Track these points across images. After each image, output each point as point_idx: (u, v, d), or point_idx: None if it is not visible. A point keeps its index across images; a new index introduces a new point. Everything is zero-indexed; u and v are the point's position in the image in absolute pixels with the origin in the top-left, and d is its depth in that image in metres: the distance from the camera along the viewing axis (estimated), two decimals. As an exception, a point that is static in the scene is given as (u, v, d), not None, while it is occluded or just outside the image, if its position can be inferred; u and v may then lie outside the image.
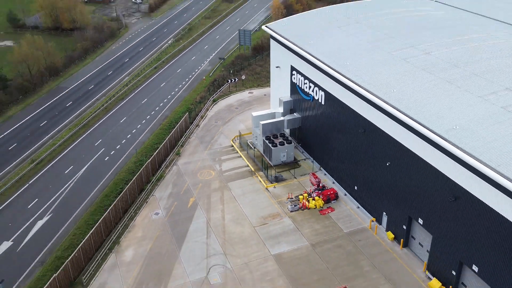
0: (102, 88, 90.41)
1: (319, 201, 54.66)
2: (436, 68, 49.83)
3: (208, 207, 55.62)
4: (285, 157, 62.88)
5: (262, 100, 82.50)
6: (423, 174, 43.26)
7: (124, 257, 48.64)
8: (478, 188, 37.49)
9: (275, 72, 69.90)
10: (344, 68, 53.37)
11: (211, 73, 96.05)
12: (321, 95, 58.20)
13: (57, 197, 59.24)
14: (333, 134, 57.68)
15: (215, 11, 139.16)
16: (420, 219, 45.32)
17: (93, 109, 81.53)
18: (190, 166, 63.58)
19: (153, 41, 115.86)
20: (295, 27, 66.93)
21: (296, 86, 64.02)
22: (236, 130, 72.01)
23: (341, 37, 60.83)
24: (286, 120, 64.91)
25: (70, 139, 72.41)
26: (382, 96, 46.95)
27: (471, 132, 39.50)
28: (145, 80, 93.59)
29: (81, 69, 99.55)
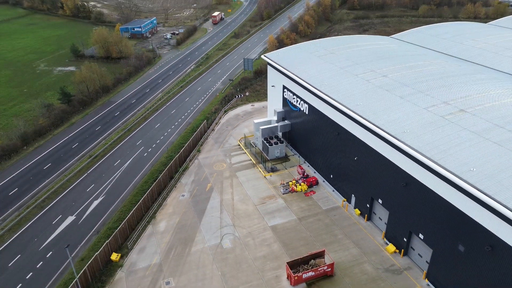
0: (142, 102, 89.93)
1: (304, 186, 54.48)
2: (391, 87, 49.66)
3: (221, 190, 55.41)
4: (279, 153, 62.66)
5: (261, 111, 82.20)
6: (382, 165, 43.16)
7: (159, 228, 48.50)
8: (423, 176, 37.44)
9: (271, 90, 69.68)
10: (322, 87, 53.20)
11: (223, 91, 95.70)
12: (306, 107, 58.02)
13: (108, 183, 58.99)
14: (315, 136, 57.54)
15: (226, 45, 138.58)
16: (379, 200, 45.21)
17: (135, 118, 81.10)
18: (208, 160, 63.35)
19: (179, 67, 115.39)
20: (286, 56, 66.72)
21: (287, 100, 63.83)
22: (242, 133, 71.74)
23: (320, 63, 60.62)
24: (279, 126, 64.68)
25: (118, 139, 72.06)
26: (351, 107, 46.83)
27: (418, 134, 39.39)
28: (173, 96, 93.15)
29: (126, 88, 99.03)
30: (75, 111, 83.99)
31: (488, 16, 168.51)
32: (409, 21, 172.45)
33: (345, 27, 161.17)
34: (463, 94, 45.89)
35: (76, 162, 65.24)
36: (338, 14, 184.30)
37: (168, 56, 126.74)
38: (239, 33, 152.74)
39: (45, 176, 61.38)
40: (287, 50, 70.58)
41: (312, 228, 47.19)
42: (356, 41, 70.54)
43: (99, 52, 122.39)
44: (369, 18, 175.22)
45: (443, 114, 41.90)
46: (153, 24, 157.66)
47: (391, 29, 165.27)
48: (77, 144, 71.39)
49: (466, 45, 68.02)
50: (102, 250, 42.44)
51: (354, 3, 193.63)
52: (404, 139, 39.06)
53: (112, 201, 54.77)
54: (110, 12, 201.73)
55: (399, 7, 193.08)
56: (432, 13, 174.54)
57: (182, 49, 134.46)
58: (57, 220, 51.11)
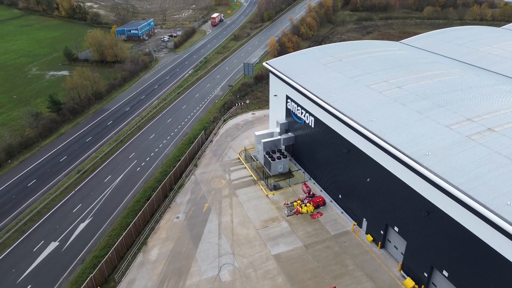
0: (136, 110, 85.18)
1: (310, 207, 49.86)
2: (407, 100, 45.07)
3: (220, 211, 50.79)
4: (282, 169, 58.05)
5: (262, 120, 77.57)
6: (399, 190, 38.51)
7: (150, 256, 43.84)
8: (449, 207, 32.81)
9: (273, 100, 64.98)
10: (330, 99, 48.60)
11: (222, 97, 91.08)
12: (311, 120, 53.41)
13: (97, 202, 54.33)
14: (321, 151, 52.93)
15: (225, 48, 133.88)
16: (396, 227, 40.57)
17: (128, 127, 76.38)
18: (205, 176, 58.72)
19: (177, 72, 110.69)
20: (289, 63, 62.08)
21: (291, 111, 59.21)
22: (242, 145, 67.14)
23: (327, 72, 55.99)
24: (282, 139, 60.04)
25: (110, 152, 67.36)
26: (364, 123, 42.20)
27: (442, 158, 34.77)
28: (170, 103, 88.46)
29: (120, 94, 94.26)
30: (65, 120, 79.17)
31: (495, 18, 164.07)
32: (414, 23, 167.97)
33: (348, 29, 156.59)
34: (488, 109, 41.33)
35: (63, 178, 60.48)
36: (341, 16, 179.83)
37: (165, 60, 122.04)
38: (239, 36, 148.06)
39: (29, 194, 56.67)
40: (290, 56, 65.90)
41: (320, 258, 42.56)
42: (364, 47, 65.93)
43: (93, 55, 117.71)
44: (372, 20, 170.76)
45: (469, 133, 37.30)
46: (150, 26, 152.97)
47: (395, 31, 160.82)
48: (65, 157, 66.57)
49: (482, 51, 63.43)
50: (86, 286, 37.74)
51: (357, 4, 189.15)
52: (427, 163, 34.43)
53: (100, 223, 50.10)
54: (106, 13, 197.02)
55: (402, 8, 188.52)
56: (437, 15, 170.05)
57: (179, 52, 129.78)
58: (39, 247, 46.43)
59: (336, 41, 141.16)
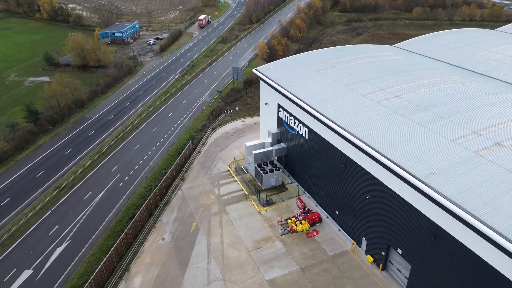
0: (120, 118, 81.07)
1: (306, 224, 46.76)
2: (406, 111, 42.28)
3: (209, 231, 47.33)
4: (274, 182, 54.87)
5: (253, 127, 74.31)
6: (403, 211, 35.64)
7: (133, 285, 40.14)
8: (460, 232, 30.00)
9: (264, 108, 61.75)
10: (325, 109, 45.59)
11: (211, 104, 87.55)
12: (305, 131, 50.35)
13: (76, 223, 50.35)
14: (316, 164, 49.90)
15: (213, 51, 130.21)
16: (399, 249, 37.71)
17: (111, 138, 72.32)
18: (193, 191, 55.17)
19: (163, 76, 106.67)
20: (280, 70, 58.92)
21: (283, 121, 56.08)
22: (232, 155, 63.78)
23: (321, 80, 53.01)
24: (275, 150, 56.87)
25: (91, 166, 63.29)
26: (362, 137, 39.25)
27: (450, 177, 31.94)
28: (155, 110, 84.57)
29: (103, 102, 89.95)
30: (43, 131, 74.64)
31: (484, 18, 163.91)
32: (403, 24, 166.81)
33: (337, 31, 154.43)
34: (494, 120, 38.74)
35: (40, 195, 56.26)
36: (330, 17, 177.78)
37: (151, 64, 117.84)
38: (227, 38, 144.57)
39: (2, 215, 52.37)
40: (281, 63, 62.72)
41: (318, 282, 39.46)
42: (357, 52, 63.14)
43: (75, 60, 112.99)
44: (362, 21, 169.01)
45: (476, 148, 34.62)
46: (135, 28, 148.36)
47: (385, 32, 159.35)
48: (42, 172, 62.26)
49: (479, 56, 61.23)
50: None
51: (346, 5, 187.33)
52: (434, 183, 31.59)
53: (79, 247, 46.22)
54: (90, 15, 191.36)
55: (392, 9, 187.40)
56: (426, 16, 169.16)
57: (166, 56, 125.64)
58: (11, 276, 42.35)
59: (326, 43, 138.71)
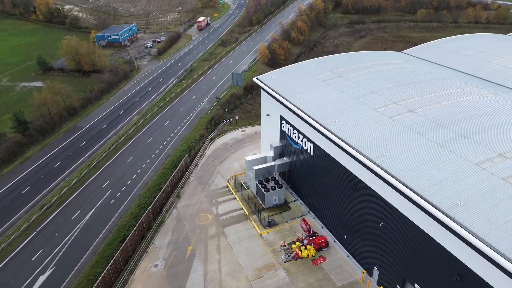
0: (114, 127, 77.17)
1: (311, 250, 42.92)
2: (423, 128, 38.47)
3: (205, 256, 43.51)
4: (277, 200, 51.07)
5: (253, 138, 70.48)
6: (422, 244, 31.81)
7: (122, 321, 36.44)
8: (490, 274, 26.21)
9: (266, 119, 57.93)
10: (332, 125, 41.76)
11: (209, 111, 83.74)
12: (310, 146, 46.53)
13: (61, 246, 46.52)
14: (322, 183, 46.10)
15: (212, 54, 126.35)
16: (416, 285, 33.89)
17: (104, 149, 68.44)
18: (189, 210, 51.35)
19: (160, 82, 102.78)
20: (283, 79, 55.14)
21: (285, 134, 52.26)
22: (232, 169, 59.99)
23: (326, 91, 49.20)
24: (277, 165, 53.03)
25: (81, 180, 59.44)
26: (375, 158, 35.41)
27: (478, 210, 28.12)
28: (151, 119, 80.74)
29: (96, 109, 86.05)
30: (31, 141, 70.80)
31: (490, 21, 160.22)
32: (407, 26, 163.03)
33: (340, 33, 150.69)
34: (522, 141, 34.97)
35: (24, 215, 52.46)
36: (332, 19, 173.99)
37: (148, 68, 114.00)
38: (226, 41, 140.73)
39: (-18, 236, 48.70)
40: (284, 71, 58.91)
41: (326, 320, 35.69)
42: (364, 59, 59.33)
43: (69, 64, 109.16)
44: (365, 23, 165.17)
45: (505, 175, 30.83)
46: (132, 31, 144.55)
47: (389, 35, 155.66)
48: (29, 188, 58.43)
49: (495, 64, 57.40)
50: None
51: (348, 7, 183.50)
52: (459, 217, 27.79)
53: (63, 275, 42.43)
54: (87, 16, 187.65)
55: (395, 11, 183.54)
56: (430, 18, 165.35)
57: (163, 60, 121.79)
58: (-13, 309, 38.72)
59: (329, 46, 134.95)
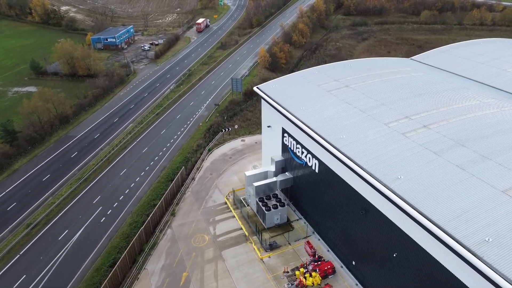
0: (107, 136, 73.57)
1: (317, 277, 39.42)
2: (440, 146, 35.03)
3: (201, 284, 40.05)
4: (279, 220, 47.59)
5: (253, 148, 66.99)
6: (445, 282, 28.36)
7: None
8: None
9: (267, 131, 54.40)
10: (340, 142, 38.28)
11: (207, 119, 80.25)
12: (315, 163, 43.06)
13: (46, 271, 42.97)
14: (328, 202, 42.64)
15: (211, 58, 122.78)
16: (436, 325, 30.40)
17: (96, 161, 64.89)
18: (184, 229, 47.88)
19: (157, 87, 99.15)
20: (285, 89, 51.64)
21: (288, 148, 48.81)
22: (230, 182, 56.55)
23: (332, 103, 45.74)
24: (279, 181, 49.54)
25: (70, 196, 55.91)
26: (388, 182, 31.93)
27: (509, 248, 24.73)
28: (147, 127, 77.21)
29: (90, 116, 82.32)
30: (20, 152, 67.13)
31: (495, 22, 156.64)
32: (411, 28, 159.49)
33: (342, 36, 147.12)
34: (552, 163, 31.53)
35: (8, 235, 48.92)
36: (334, 20, 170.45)
37: (145, 73, 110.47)
38: (226, 43, 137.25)
39: (-39, 260, 45.21)
40: (286, 79, 55.40)
41: None
42: (371, 67, 55.86)
43: (63, 68, 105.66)
44: (367, 25, 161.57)
45: (538, 205, 27.38)
46: (129, 33, 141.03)
47: (392, 37, 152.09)
48: (14, 204, 54.83)
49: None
50: None
51: (350, 8, 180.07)
52: (489, 257, 24.36)
53: (47, 307, 38.95)
54: (84, 18, 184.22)
55: (398, 12, 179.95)
56: (434, 20, 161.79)
57: (161, 63, 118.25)
58: None
59: (331, 49, 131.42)
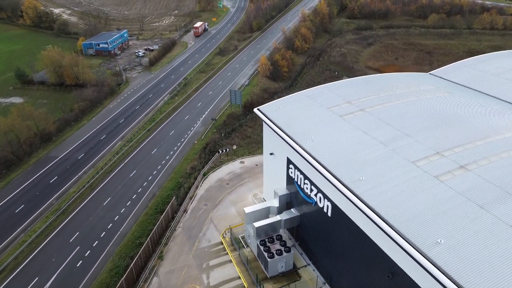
0: (92, 157, 66.68)
1: None
2: (485, 197, 28.29)
3: None
4: (284, 268, 40.82)
5: (254, 172, 60.24)
6: None
7: None
8: None
9: (269, 159, 47.71)
10: (359, 185, 31.48)
11: (203, 136, 73.49)
12: (327, 205, 36.30)
13: (6, 336, 36.42)
14: (343, 253, 35.85)
15: (209, 65, 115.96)
16: None
17: (77, 187, 58.03)
18: (173, 278, 41.05)
19: (150, 98, 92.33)
20: (290, 111, 44.87)
21: (294, 181, 42.04)
22: (227, 216, 49.82)
23: (347, 131, 38.94)
24: (283, 221, 42.68)
25: (45, 232, 49.04)
26: (425, 249, 25.15)
27: None
28: (137, 145, 70.38)
29: (75, 133, 75.39)
30: (-7, 177, 60.54)
31: (507, 27, 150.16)
32: (418, 32, 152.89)
33: (347, 41, 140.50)
34: None
35: (-33, 284, 42.29)
36: (337, 24, 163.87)
37: (138, 82, 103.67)
38: (225, 49, 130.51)
39: None
40: (291, 100, 48.46)
41: None
42: (388, 85, 49.02)
43: (50, 77, 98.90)
44: (372, 29, 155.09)
45: None
46: (123, 38, 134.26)
47: (399, 42, 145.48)
48: (-21, 244, 48.23)
49: (550, 92, 47.22)
50: None
51: (354, 11, 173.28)
52: None
53: None
54: (78, 20, 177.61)
55: (404, 15, 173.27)
56: (443, 23, 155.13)
57: (155, 71, 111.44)
58: None
59: (336, 56, 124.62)
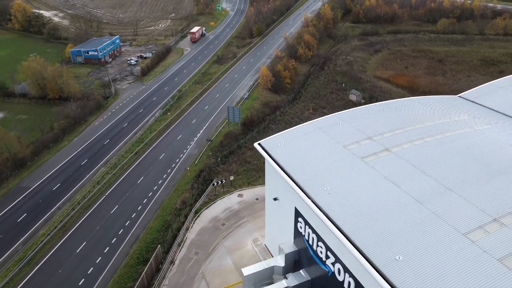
0: (69, 188, 58.56)
1: None
2: None
3: None
4: None
5: (254, 208, 52.28)
6: None
7: None
8: None
9: (272, 204, 39.72)
10: (396, 268, 23.57)
11: (197, 161, 65.48)
12: (349, 281, 28.32)
13: None
14: None
15: (206, 75, 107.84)
16: None
17: (47, 229, 49.91)
18: None
19: (140, 114, 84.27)
20: (297, 148, 36.82)
21: (304, 239, 34.10)
22: (222, 270, 41.85)
23: (370, 182, 30.81)
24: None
25: (2, 290, 41.33)
26: None
27: None
28: (121, 173, 62.26)
29: (53, 157, 67.28)
30: (-50, 216, 52.36)
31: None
32: (428, 38, 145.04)
33: (353, 47, 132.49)
34: None
35: None
36: (341, 28, 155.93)
37: (128, 94, 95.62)
38: (223, 57, 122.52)
39: None
40: (297, 134, 40.04)
41: None
42: (414, 115, 41.06)
43: (31, 90, 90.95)
44: (379, 34, 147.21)
45: None
46: (115, 44, 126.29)
47: (408, 49, 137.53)
48: None
49: None
50: None
51: (359, 15, 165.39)
52: None
53: None
54: (70, 24, 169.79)
55: (412, 20, 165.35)
56: (453, 29, 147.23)
57: (147, 82, 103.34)
58: None
59: (341, 65, 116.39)
